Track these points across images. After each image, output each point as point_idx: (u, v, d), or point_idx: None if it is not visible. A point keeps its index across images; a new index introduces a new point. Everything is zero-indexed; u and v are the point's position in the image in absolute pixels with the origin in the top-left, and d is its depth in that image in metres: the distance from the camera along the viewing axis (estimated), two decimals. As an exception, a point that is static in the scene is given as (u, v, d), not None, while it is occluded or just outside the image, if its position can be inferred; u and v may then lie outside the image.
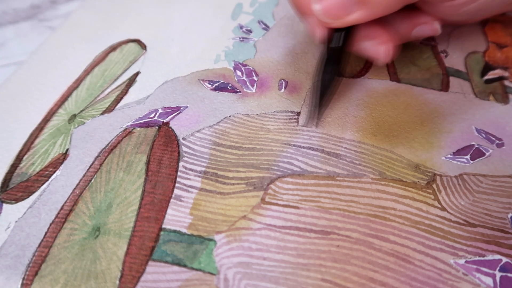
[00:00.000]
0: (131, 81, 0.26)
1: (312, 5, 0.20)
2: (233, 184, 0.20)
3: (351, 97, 0.24)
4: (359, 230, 0.18)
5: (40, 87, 0.26)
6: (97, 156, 0.22)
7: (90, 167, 0.21)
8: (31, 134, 0.23)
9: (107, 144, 0.22)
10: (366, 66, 0.25)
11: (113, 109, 0.24)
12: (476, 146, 0.21)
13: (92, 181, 0.21)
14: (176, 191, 0.20)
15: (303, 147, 0.21)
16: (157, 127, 0.23)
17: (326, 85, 0.22)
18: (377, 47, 0.22)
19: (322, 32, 0.21)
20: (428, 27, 0.23)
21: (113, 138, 0.22)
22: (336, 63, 0.22)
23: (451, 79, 0.24)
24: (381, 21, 0.22)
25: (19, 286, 0.18)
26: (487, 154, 0.21)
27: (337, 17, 0.20)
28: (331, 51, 0.21)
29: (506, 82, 0.24)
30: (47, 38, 0.29)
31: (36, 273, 0.18)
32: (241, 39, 0.28)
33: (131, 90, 0.25)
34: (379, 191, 0.20)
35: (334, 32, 0.21)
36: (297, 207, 0.19)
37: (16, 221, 0.20)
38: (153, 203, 0.20)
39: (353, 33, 0.21)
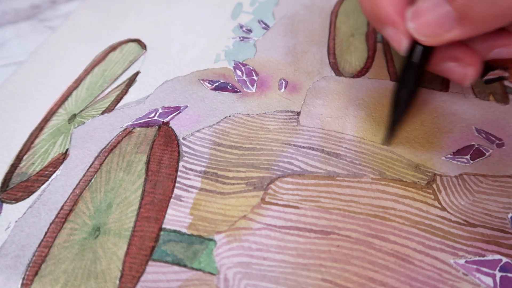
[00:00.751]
0: (131, 80, 0.26)
1: (407, 22, 0.19)
2: (233, 184, 0.20)
3: (351, 97, 0.24)
4: (359, 230, 0.18)
5: (40, 87, 0.26)
6: (97, 156, 0.22)
7: (90, 167, 0.21)
8: (31, 134, 0.23)
9: (107, 144, 0.22)
10: (366, 66, 0.25)
11: (113, 109, 0.24)
12: (476, 146, 0.21)
13: (92, 181, 0.21)
14: (176, 191, 0.20)
15: (303, 147, 0.21)
16: (157, 126, 0.23)
17: (403, 101, 0.21)
18: (463, 69, 0.20)
19: (406, 44, 0.20)
20: (508, 50, 0.21)
21: (113, 138, 0.22)
22: (415, 78, 0.20)
23: (451, 79, 0.24)
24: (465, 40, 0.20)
25: (19, 286, 0.18)
26: (487, 154, 0.21)
27: (433, 35, 0.18)
28: (411, 65, 0.20)
29: (506, 83, 0.24)
30: (47, 38, 0.29)
31: (36, 273, 0.18)
32: (241, 38, 0.28)
33: (131, 89, 0.25)
34: (379, 191, 0.20)
35: (415, 45, 0.20)
36: (297, 207, 0.19)
37: (16, 221, 0.20)
38: (153, 203, 0.20)
39: (434, 50, 0.20)
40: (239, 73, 0.25)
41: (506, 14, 0.18)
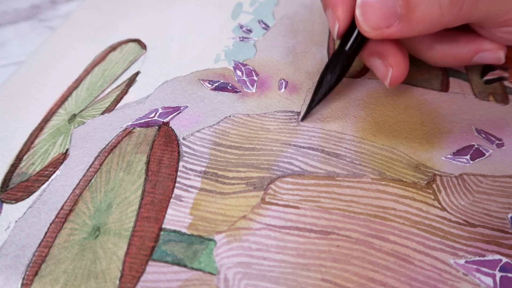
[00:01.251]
0: (131, 81, 0.26)
1: (356, 8, 0.19)
2: (233, 184, 0.20)
3: (351, 97, 0.24)
4: (359, 230, 0.18)
5: (40, 87, 0.26)
6: (97, 156, 0.22)
7: (90, 167, 0.21)
8: (31, 134, 0.23)
9: (107, 144, 0.22)
10: (366, 66, 0.25)
11: (113, 109, 0.24)
12: (476, 146, 0.21)
13: (92, 181, 0.21)
14: (176, 191, 0.20)
15: (303, 147, 0.21)
16: (157, 127, 0.23)
17: (327, 84, 0.22)
18: (384, 68, 0.21)
19: (340, 30, 0.21)
20: (491, 55, 0.22)
21: (113, 138, 0.22)
22: (343, 64, 0.22)
23: (451, 79, 0.24)
24: (420, 41, 0.21)
25: (19, 286, 0.18)
26: (487, 154, 0.21)
27: (376, 27, 0.19)
28: (342, 51, 0.21)
29: (506, 83, 0.24)
30: (47, 38, 0.29)
31: (36, 273, 0.18)
32: (241, 38, 0.28)
33: (131, 90, 0.25)
34: (379, 191, 0.20)
35: (350, 33, 0.21)
36: (297, 207, 0.19)
37: (16, 221, 0.20)
38: (153, 203, 0.20)
39: (367, 43, 0.21)
40: (239, 73, 0.25)
41: (443, 19, 0.19)
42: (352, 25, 0.21)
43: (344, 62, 0.22)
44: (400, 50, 0.21)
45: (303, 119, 0.23)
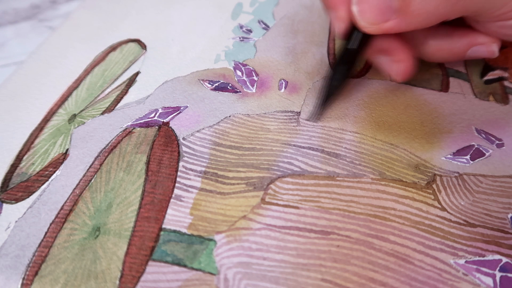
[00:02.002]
0: (131, 81, 0.26)
1: (351, 5, 0.19)
2: (233, 184, 0.20)
3: (351, 97, 0.24)
4: (359, 230, 0.18)
5: (40, 87, 0.26)
6: (97, 156, 0.22)
7: (90, 167, 0.21)
8: (31, 134, 0.23)
9: (107, 144, 0.22)
10: (366, 66, 0.25)
11: (113, 109, 0.24)
12: (476, 146, 0.21)
13: (92, 181, 0.21)
14: (176, 191, 0.20)
15: (303, 147, 0.21)
16: (157, 127, 0.23)
17: (334, 84, 0.22)
18: (392, 64, 0.21)
19: (343, 29, 0.21)
20: (484, 48, 0.22)
21: (113, 138, 0.22)
22: (349, 64, 0.21)
23: (451, 79, 0.24)
24: (414, 37, 0.21)
25: (19, 286, 0.18)
26: (487, 154, 0.21)
27: (373, 22, 0.19)
28: (347, 51, 0.21)
29: (506, 83, 0.24)
30: (47, 38, 0.29)
31: (36, 273, 0.18)
32: (241, 39, 0.28)
33: (131, 90, 0.25)
34: (379, 191, 0.20)
35: (353, 32, 0.20)
36: (297, 207, 0.19)
37: (16, 221, 0.20)
38: (153, 203, 0.20)
39: (371, 41, 0.21)
40: (239, 73, 0.25)
41: (439, 12, 0.19)
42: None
43: (350, 61, 0.21)
44: (405, 45, 0.21)
45: (311, 119, 0.23)
